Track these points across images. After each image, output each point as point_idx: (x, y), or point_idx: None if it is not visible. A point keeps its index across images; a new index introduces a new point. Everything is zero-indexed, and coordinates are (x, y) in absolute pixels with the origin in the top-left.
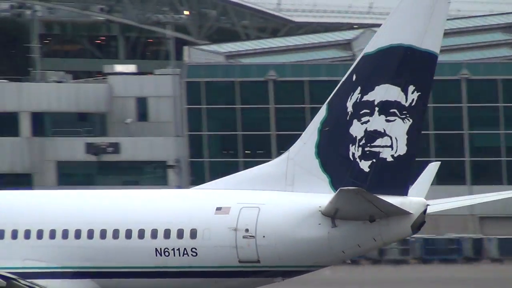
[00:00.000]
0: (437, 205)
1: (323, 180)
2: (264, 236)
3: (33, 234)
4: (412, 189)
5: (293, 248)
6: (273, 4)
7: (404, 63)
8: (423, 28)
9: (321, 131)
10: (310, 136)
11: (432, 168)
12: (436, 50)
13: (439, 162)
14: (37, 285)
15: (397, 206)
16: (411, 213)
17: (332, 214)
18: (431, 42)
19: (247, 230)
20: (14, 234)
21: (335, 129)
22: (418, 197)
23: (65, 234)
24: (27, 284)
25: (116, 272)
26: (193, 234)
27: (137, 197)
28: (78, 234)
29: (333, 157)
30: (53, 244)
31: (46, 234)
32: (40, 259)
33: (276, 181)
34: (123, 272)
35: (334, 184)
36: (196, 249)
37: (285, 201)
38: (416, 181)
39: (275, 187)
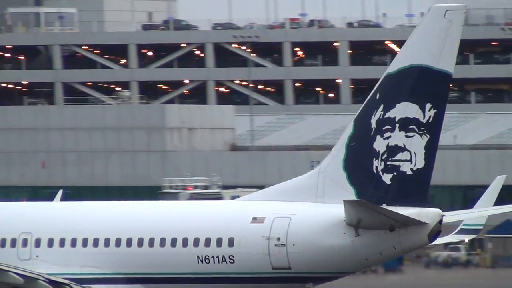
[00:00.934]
0: (453, 216)
1: (350, 192)
2: (294, 244)
3: (90, 243)
4: (480, 201)
5: (320, 255)
6: None
7: (421, 82)
8: (438, 49)
9: (348, 146)
10: (338, 150)
11: (499, 181)
12: (451, 69)
13: (505, 175)
14: None
15: (405, 215)
16: (427, 223)
17: (355, 224)
18: (446, 62)
19: (278, 239)
20: (73, 242)
21: (361, 144)
22: (434, 208)
23: (118, 242)
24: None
25: (162, 278)
26: (231, 242)
27: (182, 208)
28: (129, 242)
29: (359, 171)
30: (107, 252)
31: (101, 243)
32: (95, 266)
33: (308, 192)
34: (169, 278)
35: (360, 196)
36: (233, 257)
37: (314, 211)
38: (484, 192)
39: (307, 198)
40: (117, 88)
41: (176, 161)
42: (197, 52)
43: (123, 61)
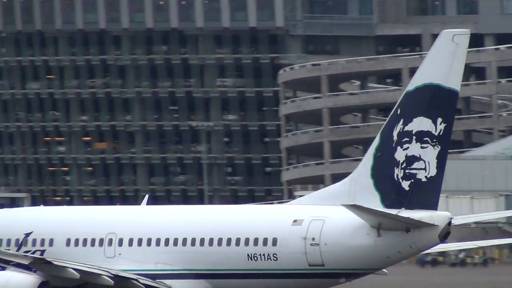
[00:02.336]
0: (460, 219)
1: (376, 197)
2: (326, 244)
3: (162, 242)
4: None
5: (348, 253)
6: None
7: (434, 99)
8: (447, 69)
9: (375, 156)
10: (367, 160)
11: None
12: (458, 88)
13: None
14: (165, 284)
15: (403, 217)
16: (438, 225)
17: (376, 226)
18: (454, 82)
19: (313, 239)
20: (149, 242)
21: (385, 154)
22: (444, 212)
23: (184, 242)
24: (148, 284)
25: (220, 274)
26: (275, 242)
27: (236, 211)
28: (193, 242)
29: (383, 178)
30: (176, 250)
31: (171, 242)
32: (167, 263)
33: (343, 197)
34: (226, 274)
35: (384, 201)
36: (276, 255)
37: (344, 214)
38: None
39: (342, 202)
40: None
41: None
42: None
43: None
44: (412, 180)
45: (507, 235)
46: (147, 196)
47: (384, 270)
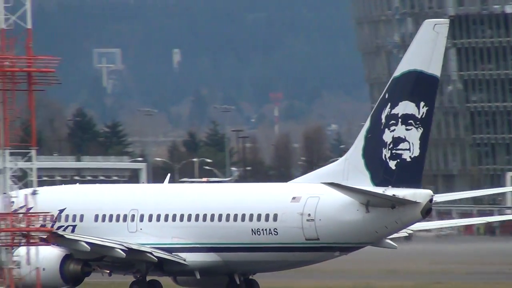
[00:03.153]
0: (442, 197)
1: (366, 176)
2: (320, 219)
3: (178, 218)
4: None
5: (340, 228)
6: None
7: (417, 84)
8: (429, 56)
9: (366, 138)
10: (359, 141)
11: None
12: (438, 74)
13: None
14: (180, 257)
15: (381, 193)
16: (420, 202)
17: (365, 203)
18: (435, 68)
19: (309, 215)
20: (166, 218)
21: (374, 136)
22: (426, 190)
23: (196, 218)
24: (163, 256)
25: (228, 248)
26: (275, 217)
27: (241, 189)
28: (204, 218)
29: (372, 158)
30: (189, 226)
31: (185, 218)
32: (182, 237)
33: (337, 176)
34: (232, 247)
35: (373, 179)
36: (277, 229)
37: (338, 192)
38: None
39: (336, 181)
40: None
41: None
42: None
43: None
44: (398, 160)
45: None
46: (169, 174)
47: (393, 243)
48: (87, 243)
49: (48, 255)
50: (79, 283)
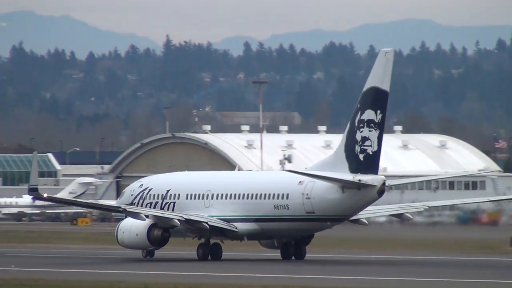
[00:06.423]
0: (393, 181)
1: (346, 165)
2: (313, 198)
3: (233, 197)
4: None
5: (327, 204)
6: None
7: (376, 97)
8: (382, 76)
9: (346, 136)
10: (342, 139)
11: None
12: (388, 89)
13: None
14: (234, 226)
15: (338, 178)
16: (375, 185)
17: (341, 186)
18: (386, 85)
19: (307, 194)
20: (226, 196)
21: (350, 135)
22: (380, 176)
23: (237, 196)
24: (218, 225)
25: (262, 219)
26: (287, 196)
27: (265, 176)
28: (243, 196)
29: (349, 152)
30: (239, 202)
31: (237, 197)
32: (233, 211)
33: (330, 165)
34: (264, 218)
35: (350, 168)
36: (288, 205)
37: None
38: None
39: (328, 169)
40: None
41: None
42: None
43: None
44: (364, 154)
45: None
46: (238, 165)
47: (363, 220)
48: (147, 215)
49: (140, 224)
50: (162, 246)
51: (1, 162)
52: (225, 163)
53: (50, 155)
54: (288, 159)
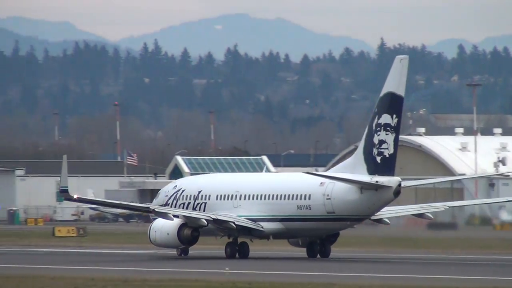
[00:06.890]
0: (409, 182)
1: (364, 167)
2: (334, 198)
3: (260, 197)
4: None
5: (347, 205)
6: None
7: (392, 102)
8: (398, 81)
9: (365, 140)
10: (361, 142)
11: None
12: (403, 94)
13: None
14: (261, 225)
15: (352, 179)
16: (391, 186)
17: (360, 187)
18: (401, 90)
19: (328, 195)
20: (253, 197)
21: (369, 139)
22: (396, 177)
23: (263, 197)
24: (245, 225)
25: (286, 219)
26: (309, 197)
27: (289, 178)
28: (268, 197)
29: (368, 154)
30: (265, 203)
31: (263, 197)
32: (260, 211)
33: (350, 168)
34: (288, 218)
35: (368, 170)
36: (310, 206)
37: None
38: None
39: (349, 171)
40: None
41: None
42: None
43: None
44: (381, 156)
45: None
46: (265, 167)
47: (386, 220)
48: (175, 215)
49: (171, 224)
50: (192, 244)
51: (215, 164)
52: (439, 165)
53: (265, 157)
54: (503, 161)
